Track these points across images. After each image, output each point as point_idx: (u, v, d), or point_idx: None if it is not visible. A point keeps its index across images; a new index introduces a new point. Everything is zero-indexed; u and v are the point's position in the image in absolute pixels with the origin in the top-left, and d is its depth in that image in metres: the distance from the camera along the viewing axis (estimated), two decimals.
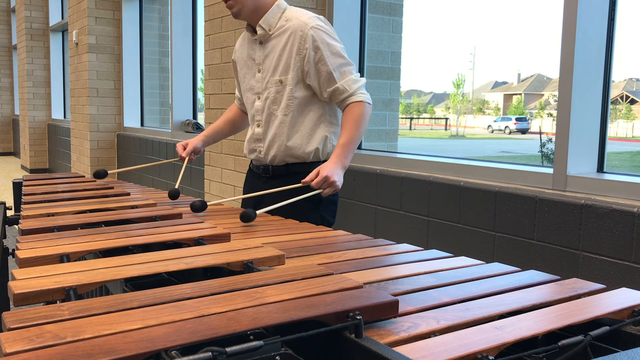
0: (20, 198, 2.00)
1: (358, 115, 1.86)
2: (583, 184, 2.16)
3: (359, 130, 1.87)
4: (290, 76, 1.90)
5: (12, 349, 0.62)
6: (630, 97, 33.25)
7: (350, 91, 1.87)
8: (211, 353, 0.62)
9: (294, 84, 1.90)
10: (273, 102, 1.95)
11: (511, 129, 30.47)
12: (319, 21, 1.90)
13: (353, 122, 1.85)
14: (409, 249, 1.30)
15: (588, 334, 0.75)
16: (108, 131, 6.42)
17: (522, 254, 2.25)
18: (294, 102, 1.91)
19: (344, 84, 1.87)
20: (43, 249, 1.10)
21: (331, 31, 1.92)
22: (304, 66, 1.87)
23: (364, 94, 1.89)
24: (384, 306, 0.78)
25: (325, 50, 1.86)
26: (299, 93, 1.91)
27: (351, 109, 1.87)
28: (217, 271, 1.05)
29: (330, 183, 1.77)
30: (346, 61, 1.89)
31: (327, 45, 1.86)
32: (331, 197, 1.98)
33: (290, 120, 1.93)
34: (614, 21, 2.21)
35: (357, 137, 1.87)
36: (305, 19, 1.88)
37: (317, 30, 1.87)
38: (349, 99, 1.88)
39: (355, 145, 1.88)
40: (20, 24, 9.69)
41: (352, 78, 1.88)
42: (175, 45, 5.19)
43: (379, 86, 3.49)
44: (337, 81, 1.87)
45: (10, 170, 10.30)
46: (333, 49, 1.87)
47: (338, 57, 1.88)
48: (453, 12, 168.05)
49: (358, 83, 1.89)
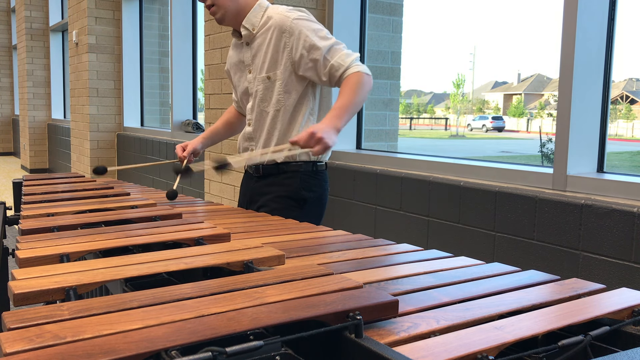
0: (20, 198, 2.00)
1: (354, 82, 1.82)
2: (583, 184, 2.16)
3: (356, 96, 1.81)
4: (280, 71, 1.91)
5: (12, 349, 0.62)
6: (630, 97, 33.26)
7: (345, 65, 1.85)
8: (211, 353, 0.62)
9: (284, 79, 1.91)
10: (262, 100, 1.96)
11: (488, 127, 33.04)
12: (299, 12, 1.92)
13: (349, 88, 1.81)
14: (409, 249, 1.30)
15: (588, 334, 0.75)
16: (108, 131, 6.42)
17: (522, 254, 2.25)
18: (284, 97, 1.92)
19: (338, 59, 1.85)
20: (43, 249, 1.10)
21: (313, 19, 1.93)
22: (293, 58, 1.88)
23: (359, 65, 1.86)
24: (384, 306, 0.78)
25: (312, 37, 1.86)
26: (290, 87, 1.91)
27: (348, 79, 1.83)
28: (217, 271, 1.05)
29: (318, 139, 1.68)
30: (334, 41, 1.89)
31: (313, 31, 1.87)
32: (318, 198, 1.99)
33: (282, 116, 1.93)
34: (614, 21, 2.21)
35: (354, 102, 1.81)
36: (285, 13, 1.90)
37: (299, 20, 1.88)
38: (345, 72, 1.85)
39: (351, 110, 1.82)
40: (20, 24, 9.69)
41: (344, 53, 1.87)
42: (175, 45, 5.19)
43: (379, 86, 3.49)
44: (330, 60, 1.86)
45: (10, 170, 10.30)
46: (319, 33, 1.88)
47: (326, 40, 1.87)
48: (453, 12, 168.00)
49: (351, 57, 1.87)
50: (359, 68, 1.85)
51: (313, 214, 1.98)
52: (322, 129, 1.70)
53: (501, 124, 33.35)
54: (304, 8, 1.98)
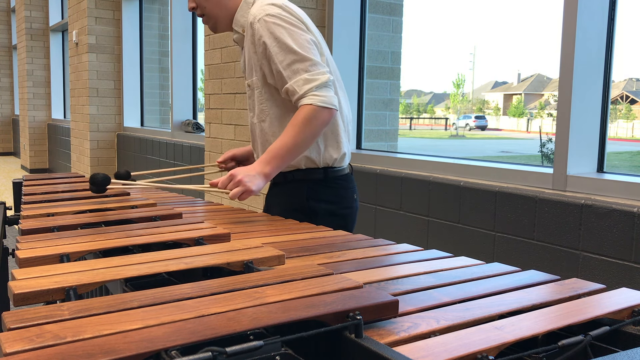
0: (20, 198, 2.00)
1: (300, 119, 1.57)
2: (583, 184, 2.16)
3: (297, 137, 1.57)
4: (256, 78, 1.70)
5: (12, 349, 0.62)
6: (630, 97, 33.27)
7: (299, 93, 1.58)
8: (211, 353, 0.62)
9: (261, 86, 1.69)
10: (250, 110, 1.77)
11: (471, 126, 34.64)
12: (273, 8, 1.63)
13: (291, 127, 1.58)
14: (409, 249, 1.30)
15: (588, 334, 0.75)
16: (108, 131, 6.42)
17: (522, 254, 2.25)
18: (267, 105, 1.70)
19: (294, 84, 1.59)
20: (43, 249, 1.10)
21: (289, 18, 1.62)
22: (262, 64, 1.66)
23: (317, 95, 1.57)
24: (384, 306, 0.78)
25: (272, 46, 1.60)
26: (271, 95, 1.69)
27: (297, 113, 1.59)
28: (217, 271, 1.05)
29: (237, 182, 1.53)
30: (299, 57, 1.58)
31: (275, 39, 1.60)
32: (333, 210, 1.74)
33: (269, 128, 1.71)
34: (614, 21, 2.21)
35: (293, 143, 1.57)
36: (256, 10, 1.65)
37: (265, 22, 1.61)
38: (299, 101, 1.60)
39: (289, 153, 1.59)
40: (20, 24, 9.69)
41: (303, 78, 1.58)
42: (175, 45, 5.19)
43: (379, 86, 3.49)
44: (287, 81, 1.60)
45: (10, 170, 10.30)
46: (282, 42, 1.59)
47: (288, 53, 1.59)
48: (453, 12, 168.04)
49: (311, 83, 1.58)
50: (313, 99, 1.57)
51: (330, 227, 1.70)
52: (244, 172, 1.55)
53: (484, 122, 34.85)
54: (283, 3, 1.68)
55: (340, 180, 1.77)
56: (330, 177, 1.75)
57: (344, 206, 1.78)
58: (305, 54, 1.59)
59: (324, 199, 1.74)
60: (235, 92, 3.63)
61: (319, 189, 1.74)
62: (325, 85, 1.60)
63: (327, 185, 1.75)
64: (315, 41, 1.66)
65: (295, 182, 1.74)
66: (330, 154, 1.74)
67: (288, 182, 1.75)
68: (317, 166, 1.72)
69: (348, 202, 1.79)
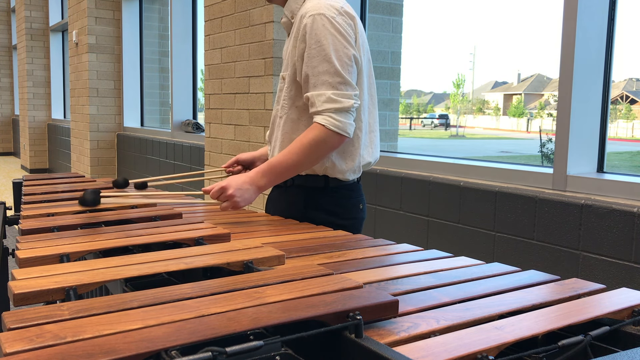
0: (20, 198, 2.00)
1: (310, 138, 1.50)
2: (583, 184, 2.16)
3: (301, 157, 1.50)
4: (288, 72, 1.62)
5: (12, 349, 0.62)
6: (630, 97, 33.28)
7: (317, 108, 1.51)
8: (211, 353, 0.62)
9: (291, 83, 1.62)
10: (277, 101, 1.69)
11: (435, 124, 40.22)
12: (330, 10, 1.52)
13: (298, 145, 1.51)
14: (409, 249, 1.30)
15: (588, 334, 0.75)
16: (108, 131, 6.42)
17: (522, 254, 2.25)
18: (288, 104, 1.63)
19: (316, 97, 1.51)
20: (43, 249, 1.10)
21: (340, 26, 1.51)
22: (296, 61, 1.58)
23: (334, 118, 1.49)
24: (384, 306, 0.78)
25: (312, 47, 1.51)
26: (294, 94, 1.62)
27: (308, 131, 1.52)
28: (217, 271, 1.05)
29: (227, 196, 1.49)
30: (333, 69, 1.49)
31: (317, 41, 1.50)
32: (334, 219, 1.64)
33: (283, 126, 1.64)
34: (614, 21, 2.21)
35: (295, 163, 1.51)
36: (312, 5, 1.54)
37: (315, 19, 1.51)
38: (314, 115, 1.53)
39: (288, 171, 1.54)
40: (20, 24, 9.69)
41: (328, 95, 1.49)
42: (175, 45, 5.20)
43: (379, 86, 3.49)
44: (309, 89, 1.53)
45: (10, 170, 10.30)
46: (322, 48, 1.49)
47: (323, 61, 1.50)
48: (453, 12, 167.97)
49: (332, 104, 1.49)
50: (327, 121, 1.49)
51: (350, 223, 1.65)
52: (236, 185, 1.50)
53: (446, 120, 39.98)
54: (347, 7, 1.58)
55: (343, 190, 1.66)
56: (331, 186, 1.65)
57: (346, 217, 1.67)
58: (340, 69, 1.50)
59: (323, 208, 1.65)
60: (235, 92, 3.63)
61: (318, 197, 1.65)
62: (346, 111, 1.51)
63: (327, 194, 1.65)
64: (357, 57, 1.56)
65: (294, 188, 1.67)
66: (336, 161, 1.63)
67: (287, 187, 1.69)
68: (317, 173, 1.64)
69: (350, 213, 1.69)
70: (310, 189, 1.65)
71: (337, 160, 1.62)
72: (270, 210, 1.80)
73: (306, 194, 1.66)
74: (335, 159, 1.61)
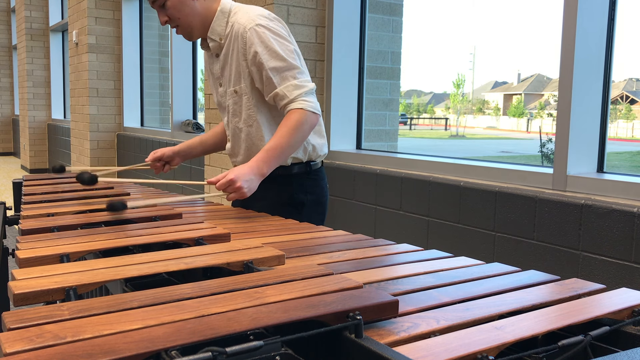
0: (20, 198, 2.00)
1: (293, 122, 1.69)
2: (583, 184, 2.16)
3: (291, 138, 1.69)
4: (244, 84, 1.80)
5: (12, 349, 0.62)
6: (630, 97, 33.30)
7: (290, 97, 1.71)
8: (211, 353, 0.62)
9: (250, 92, 1.80)
10: (234, 115, 1.86)
11: None
12: (262, 19, 1.75)
13: (285, 129, 1.69)
14: (409, 249, 1.30)
15: (588, 334, 0.75)
16: (108, 131, 6.42)
17: (522, 254, 2.25)
18: (254, 111, 1.81)
19: (284, 89, 1.71)
20: (43, 249, 1.10)
21: (277, 29, 1.76)
22: (250, 70, 1.76)
23: (306, 100, 1.72)
24: (384, 306, 0.78)
25: (263, 53, 1.72)
26: (259, 101, 1.80)
27: (288, 116, 1.71)
28: (217, 271, 1.05)
29: (236, 188, 1.60)
30: (287, 64, 1.72)
31: (266, 46, 1.72)
32: (316, 199, 1.91)
33: (256, 132, 1.83)
34: (614, 21, 2.21)
35: (288, 144, 1.69)
36: (245, 21, 1.75)
37: (255, 30, 1.72)
38: (288, 105, 1.72)
39: (283, 153, 1.70)
40: (20, 24, 9.69)
41: (293, 84, 1.72)
42: (175, 45, 5.20)
43: (379, 86, 3.49)
44: (277, 86, 1.72)
45: (10, 170, 10.30)
46: (272, 50, 1.72)
47: (278, 60, 1.72)
48: (453, 12, 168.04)
49: (300, 89, 1.72)
50: (303, 104, 1.71)
51: (314, 215, 1.90)
52: (243, 176, 1.61)
53: (406, 119, 42.09)
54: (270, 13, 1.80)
55: (320, 172, 1.96)
56: (312, 170, 1.92)
57: (324, 194, 1.97)
58: (292, 62, 1.74)
59: (309, 191, 1.91)
60: None
61: (304, 182, 1.90)
62: (312, 93, 1.75)
63: (310, 178, 1.91)
64: (297, 52, 1.80)
65: (282, 177, 1.85)
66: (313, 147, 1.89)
67: (276, 176, 1.80)
68: (301, 161, 1.88)
69: (326, 191, 1.99)
70: (296, 175, 1.89)
71: (314, 139, 1.89)
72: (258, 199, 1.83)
73: (294, 182, 1.89)
74: (313, 139, 1.88)
